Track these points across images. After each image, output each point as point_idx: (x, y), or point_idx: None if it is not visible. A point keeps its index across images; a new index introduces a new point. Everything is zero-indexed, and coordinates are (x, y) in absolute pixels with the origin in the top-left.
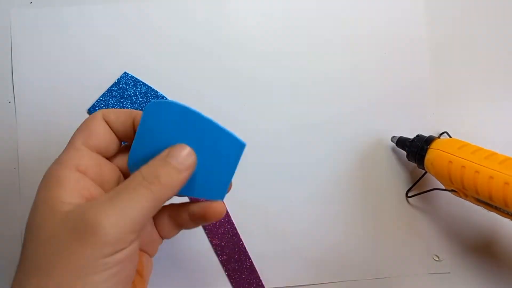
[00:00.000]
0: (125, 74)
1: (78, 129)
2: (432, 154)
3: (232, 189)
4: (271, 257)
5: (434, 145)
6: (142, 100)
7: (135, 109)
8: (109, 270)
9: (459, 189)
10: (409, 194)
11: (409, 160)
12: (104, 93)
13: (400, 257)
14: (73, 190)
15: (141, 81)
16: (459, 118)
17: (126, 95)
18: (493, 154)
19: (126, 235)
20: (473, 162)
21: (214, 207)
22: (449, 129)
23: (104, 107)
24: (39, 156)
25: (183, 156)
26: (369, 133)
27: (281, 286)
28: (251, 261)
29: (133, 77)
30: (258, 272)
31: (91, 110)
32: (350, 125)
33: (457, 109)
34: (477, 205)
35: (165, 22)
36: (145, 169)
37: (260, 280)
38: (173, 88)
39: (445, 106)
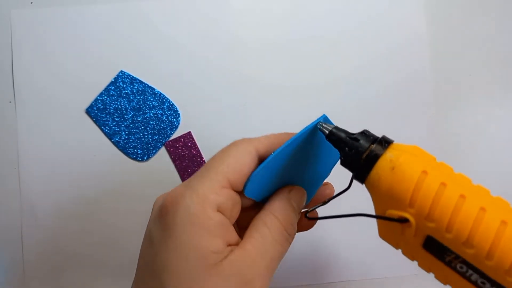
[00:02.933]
0: (121, 73)
1: (222, 157)
2: (396, 154)
3: None
4: None
5: (395, 147)
6: (140, 98)
7: (132, 107)
8: None
9: (419, 216)
10: (309, 215)
11: (344, 165)
12: (101, 93)
13: (400, 257)
14: (220, 236)
15: (138, 79)
16: (459, 118)
17: (124, 94)
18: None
19: (269, 284)
20: (462, 183)
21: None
22: (449, 129)
23: (102, 107)
24: (39, 156)
25: (302, 201)
26: None
27: (281, 286)
28: None
29: (129, 75)
30: None
31: (89, 110)
32: (350, 126)
33: (457, 109)
34: (415, 257)
35: (163, 21)
36: (282, 217)
37: None
38: (171, 86)
39: (445, 106)
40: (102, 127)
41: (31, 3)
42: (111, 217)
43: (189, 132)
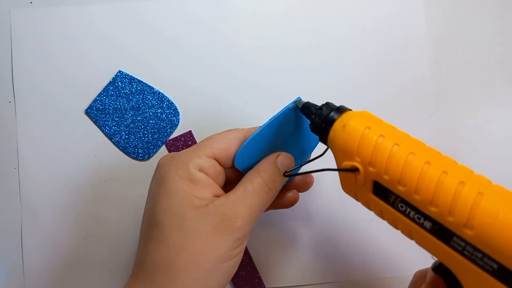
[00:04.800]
0: (120, 73)
1: (213, 137)
2: (347, 117)
3: None
4: (271, 257)
5: (349, 112)
6: (139, 97)
7: (131, 106)
8: (236, 257)
9: (364, 163)
10: (287, 173)
11: (312, 130)
12: (100, 93)
13: (400, 257)
14: (204, 187)
15: (136, 79)
16: (459, 118)
17: (123, 94)
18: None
19: (249, 228)
20: (399, 136)
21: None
22: (449, 129)
23: (101, 107)
24: (39, 156)
25: (291, 166)
26: None
27: (281, 286)
28: (252, 261)
29: (128, 75)
30: (259, 272)
31: (88, 111)
32: None
33: (457, 109)
34: (369, 203)
35: (162, 20)
36: (265, 174)
37: (261, 280)
38: (171, 85)
39: (445, 106)
40: (102, 127)
41: (31, 3)
42: (112, 217)
43: (190, 131)
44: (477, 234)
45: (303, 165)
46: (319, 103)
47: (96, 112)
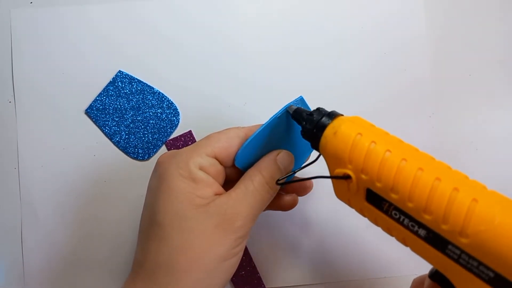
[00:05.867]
0: (120, 73)
1: (214, 136)
2: (338, 123)
3: None
4: (271, 257)
5: (340, 118)
6: (139, 97)
7: (131, 106)
8: (237, 255)
9: (356, 170)
10: (280, 182)
11: (303, 136)
12: (100, 93)
13: (399, 257)
14: (205, 186)
15: (136, 79)
16: (459, 118)
17: (123, 94)
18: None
19: (250, 227)
20: (391, 142)
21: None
22: (449, 129)
23: (101, 107)
24: (39, 156)
25: (291, 164)
26: None
27: (281, 286)
28: (252, 261)
29: (128, 75)
30: (259, 272)
31: (88, 111)
32: None
33: (457, 109)
34: (363, 211)
35: (162, 21)
36: (265, 173)
37: (261, 280)
38: (171, 85)
39: (445, 106)
40: (102, 127)
41: (31, 3)
42: (112, 217)
43: (190, 131)
44: (472, 242)
45: (296, 172)
46: (319, 103)
47: (96, 112)
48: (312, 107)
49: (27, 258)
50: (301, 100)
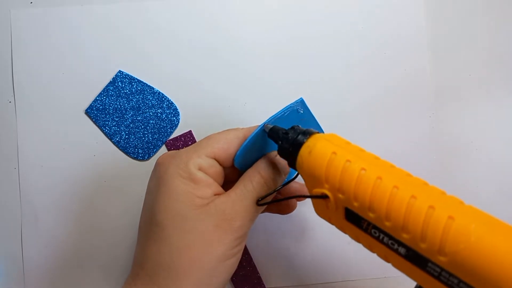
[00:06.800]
0: (120, 73)
1: (214, 136)
2: (313, 141)
3: None
4: (271, 257)
5: (315, 136)
6: (139, 97)
7: (131, 106)
8: (237, 255)
9: (333, 190)
10: (261, 202)
11: (280, 155)
12: (100, 93)
13: None
14: (205, 186)
15: (136, 79)
16: (459, 118)
17: (123, 94)
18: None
19: (250, 227)
20: (366, 159)
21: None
22: (449, 129)
23: (101, 107)
24: (39, 156)
25: (287, 168)
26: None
27: (281, 286)
28: (252, 261)
29: (128, 75)
30: (259, 272)
31: (88, 111)
32: (351, 125)
33: (457, 109)
34: (344, 228)
35: (162, 21)
36: (264, 173)
37: (261, 280)
38: (171, 85)
39: (445, 106)
40: (102, 127)
41: (31, 3)
42: (112, 217)
43: (190, 131)
44: (450, 261)
45: (278, 190)
46: (319, 103)
47: (96, 112)
48: (313, 107)
49: (27, 258)
50: (301, 101)
